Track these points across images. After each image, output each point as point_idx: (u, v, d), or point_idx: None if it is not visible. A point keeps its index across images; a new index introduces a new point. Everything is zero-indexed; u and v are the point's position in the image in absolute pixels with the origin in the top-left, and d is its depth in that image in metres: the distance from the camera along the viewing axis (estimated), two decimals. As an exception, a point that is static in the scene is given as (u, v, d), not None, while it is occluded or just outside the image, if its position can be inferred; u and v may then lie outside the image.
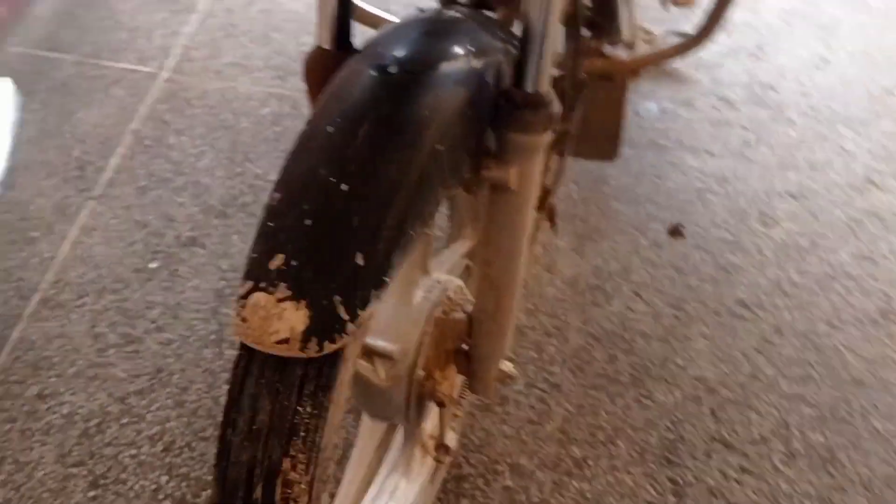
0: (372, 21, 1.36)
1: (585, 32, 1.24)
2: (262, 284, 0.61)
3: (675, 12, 1.55)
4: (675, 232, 1.49)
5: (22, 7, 1.96)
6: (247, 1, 1.99)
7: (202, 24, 1.93)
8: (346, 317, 0.60)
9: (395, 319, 0.88)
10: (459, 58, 0.78)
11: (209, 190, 1.61)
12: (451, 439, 1.01)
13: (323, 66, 0.84)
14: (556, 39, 0.75)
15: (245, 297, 0.61)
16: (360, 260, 0.61)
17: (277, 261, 0.61)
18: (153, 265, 1.51)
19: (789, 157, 1.59)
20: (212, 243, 1.53)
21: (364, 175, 0.64)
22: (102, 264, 1.51)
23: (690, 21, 1.23)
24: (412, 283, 0.90)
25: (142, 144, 1.70)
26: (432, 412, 1.01)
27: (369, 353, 0.85)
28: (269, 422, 0.62)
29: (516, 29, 0.79)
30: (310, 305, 0.59)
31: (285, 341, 0.59)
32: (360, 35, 0.82)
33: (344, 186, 0.63)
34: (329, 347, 0.59)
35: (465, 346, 0.94)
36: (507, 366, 0.95)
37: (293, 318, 0.59)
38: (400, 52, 0.76)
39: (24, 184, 1.65)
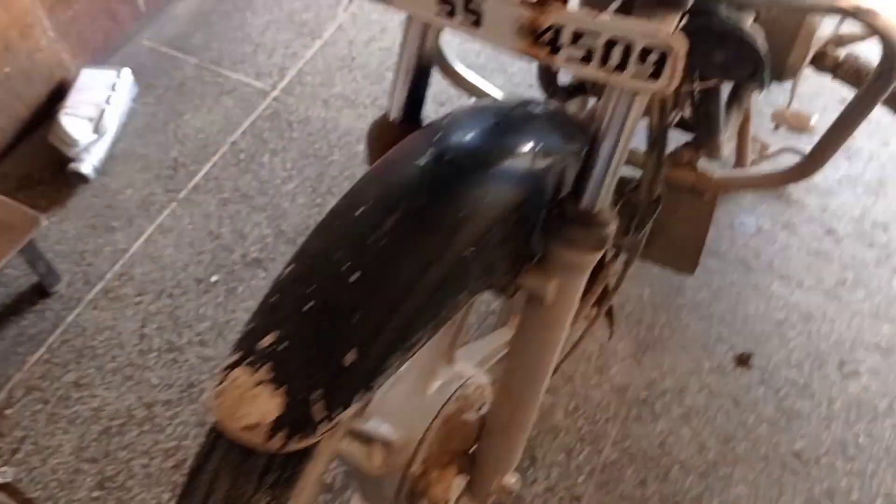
0: (472, 90, 1.33)
1: (686, 137, 1.19)
2: (249, 360, 0.59)
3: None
4: (743, 361, 1.39)
5: (161, 4, 2.04)
6: (370, 37, 2.01)
7: (322, 51, 1.97)
8: (320, 415, 0.57)
9: (403, 407, 0.85)
10: (522, 156, 0.75)
11: (286, 215, 1.63)
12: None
13: (386, 136, 0.82)
14: (623, 159, 0.70)
15: (228, 368, 0.59)
16: (351, 358, 0.58)
17: (269, 339, 0.59)
18: (214, 278, 1.52)
19: (886, 308, 1.47)
20: (275, 268, 1.53)
21: (379, 268, 0.62)
22: (168, 267, 1.54)
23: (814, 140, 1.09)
24: (431, 372, 0.86)
25: (236, 157, 1.73)
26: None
27: (367, 437, 0.81)
28: (223, 506, 0.59)
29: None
30: (287, 394, 0.57)
31: (252, 428, 0.56)
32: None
33: (355, 276, 0.60)
34: (295, 444, 0.56)
35: (472, 450, 0.89)
36: (511, 480, 0.89)
37: (266, 405, 0.56)
38: (460, 141, 0.74)
39: (119, 172, 1.71)
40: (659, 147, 0.85)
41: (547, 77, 1.14)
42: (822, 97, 1.78)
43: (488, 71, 1.90)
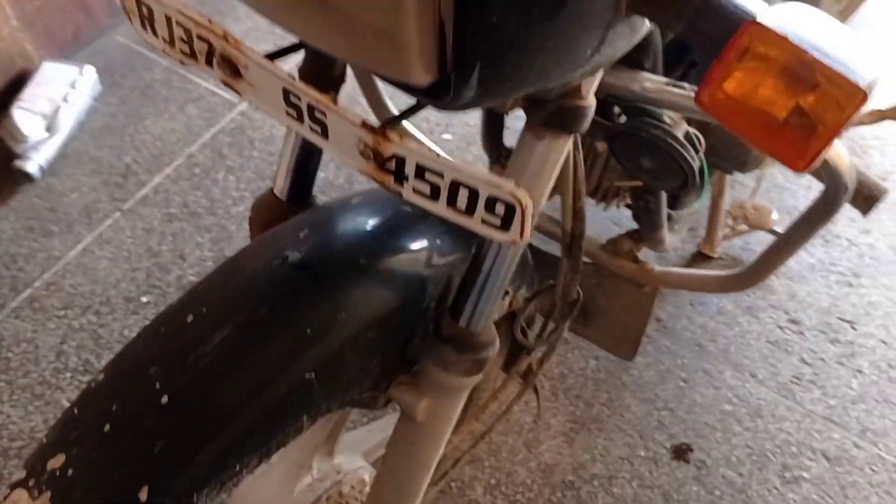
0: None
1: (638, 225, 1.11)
2: (31, 482, 0.52)
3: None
4: (680, 453, 1.32)
5: (142, 0, 1.98)
6: (352, 56, 1.94)
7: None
8: (96, 564, 0.50)
9: None
10: (406, 257, 0.68)
11: (231, 238, 1.56)
12: None
13: (269, 214, 0.76)
14: (504, 284, 0.63)
15: (12, 487, 0.53)
16: (143, 496, 0.51)
17: (57, 461, 0.52)
18: (144, 299, 1.46)
19: (841, 412, 1.39)
20: (210, 296, 1.46)
21: (195, 392, 0.55)
22: (99, 281, 1.48)
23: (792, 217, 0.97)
24: (302, 466, 0.79)
25: (190, 171, 1.67)
26: None
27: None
28: None
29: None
30: (63, 533, 0.50)
31: (15, 566, 0.49)
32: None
33: (165, 398, 0.54)
34: (60, 592, 0.50)
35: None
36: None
37: (37, 541, 0.50)
38: (334, 237, 0.66)
39: (67, 174, 1.64)
40: (574, 253, 0.78)
41: (491, 141, 1.07)
42: (805, 176, 1.70)
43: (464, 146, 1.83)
